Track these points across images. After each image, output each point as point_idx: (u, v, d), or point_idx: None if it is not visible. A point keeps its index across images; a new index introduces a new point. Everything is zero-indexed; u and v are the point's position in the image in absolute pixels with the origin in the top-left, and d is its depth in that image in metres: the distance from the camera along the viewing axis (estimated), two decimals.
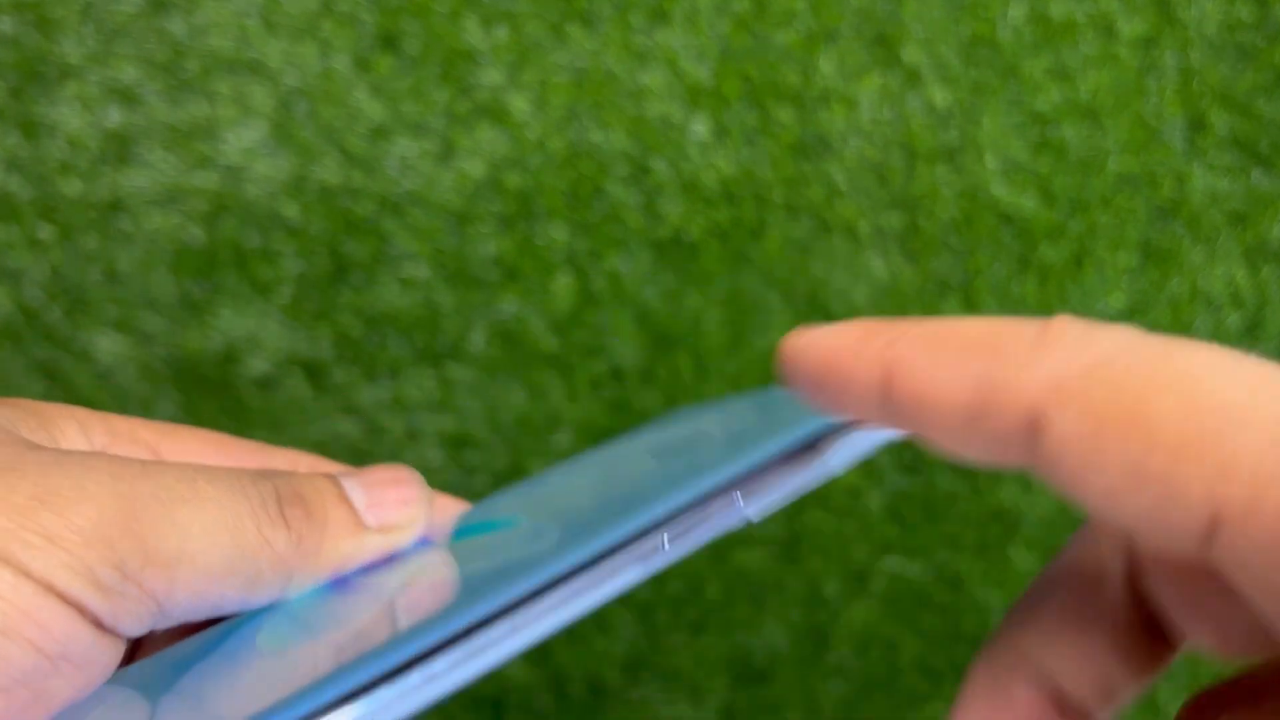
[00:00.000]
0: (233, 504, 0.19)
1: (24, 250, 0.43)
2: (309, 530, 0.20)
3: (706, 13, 0.44)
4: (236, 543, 0.19)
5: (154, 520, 0.18)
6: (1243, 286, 0.47)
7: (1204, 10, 0.45)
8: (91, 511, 0.17)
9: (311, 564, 0.20)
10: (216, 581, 0.18)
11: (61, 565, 0.17)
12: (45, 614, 0.16)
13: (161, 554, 0.18)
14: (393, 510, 0.21)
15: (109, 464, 0.18)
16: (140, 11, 0.42)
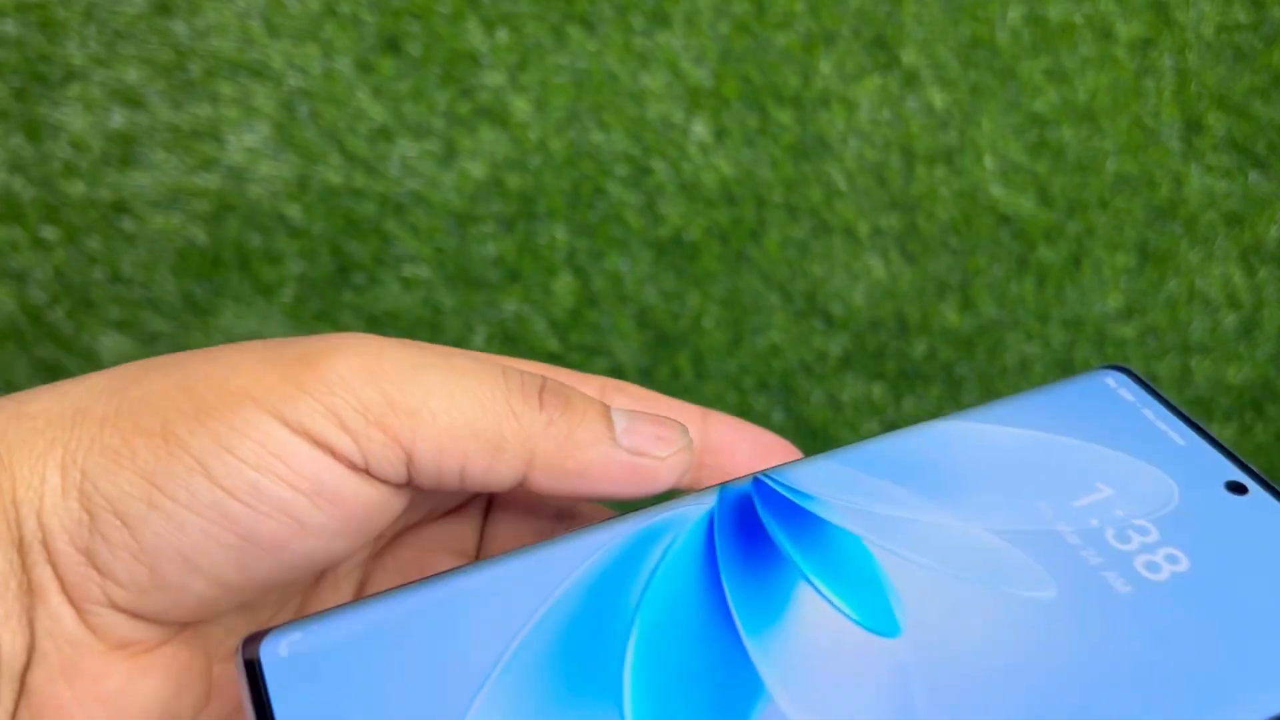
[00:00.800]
0: (485, 377, 0.20)
1: (28, 251, 0.43)
2: (560, 417, 0.21)
3: (706, 15, 0.44)
4: (482, 408, 0.20)
5: (399, 377, 0.20)
6: (1239, 287, 0.47)
7: (1201, 12, 0.46)
8: (342, 366, 0.19)
9: (556, 452, 0.21)
10: (459, 439, 0.20)
11: (311, 411, 0.19)
12: (292, 452, 0.19)
13: (402, 403, 0.19)
14: (647, 441, 0.22)
15: (371, 339, 0.20)
16: (143, 14, 0.42)
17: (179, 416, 0.19)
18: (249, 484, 0.19)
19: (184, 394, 0.20)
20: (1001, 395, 0.48)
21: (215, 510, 0.19)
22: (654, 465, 0.22)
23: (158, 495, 0.19)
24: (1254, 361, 0.48)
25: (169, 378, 0.20)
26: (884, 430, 0.47)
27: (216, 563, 0.19)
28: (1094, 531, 0.22)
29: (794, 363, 0.47)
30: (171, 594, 0.20)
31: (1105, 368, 0.26)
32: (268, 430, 0.19)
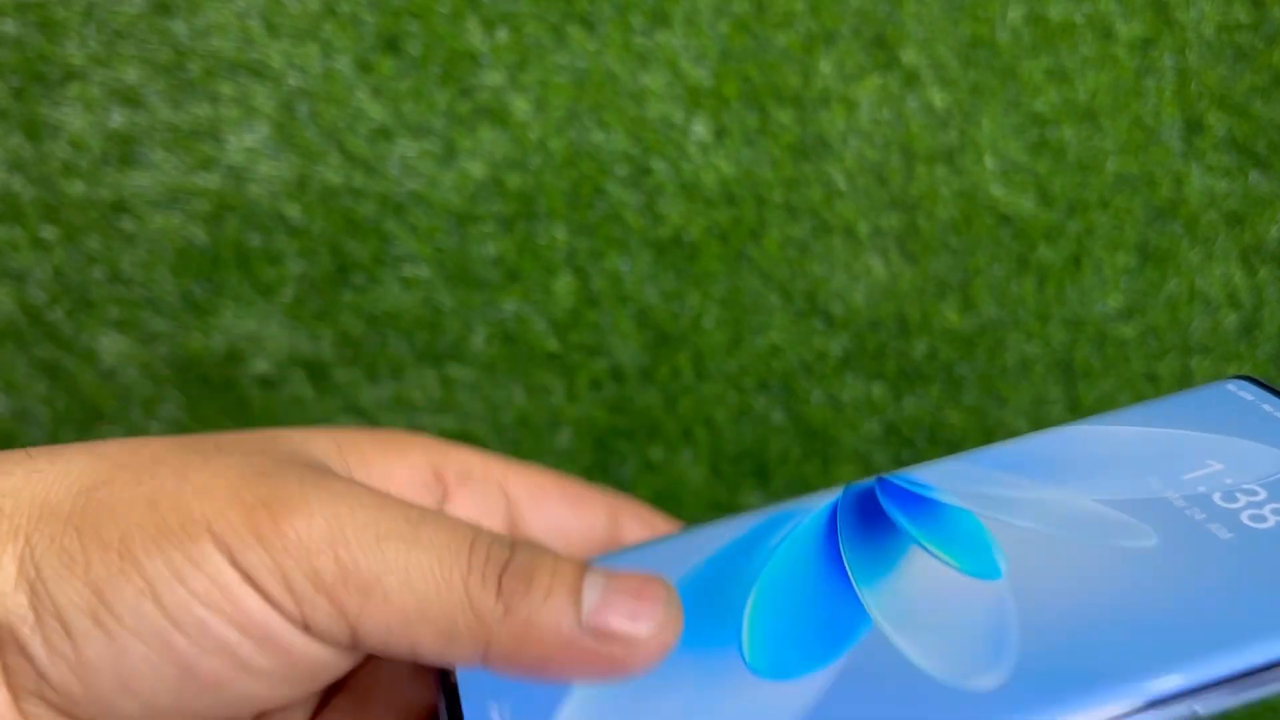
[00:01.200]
0: (447, 555, 0.19)
1: (27, 250, 0.43)
2: (521, 602, 0.19)
3: (706, 14, 0.44)
4: (436, 592, 0.19)
5: (359, 547, 0.19)
6: (1240, 287, 0.47)
7: (1202, 12, 0.45)
8: (303, 524, 0.19)
9: (511, 644, 0.19)
10: (408, 623, 0.19)
11: (262, 563, 0.19)
12: (240, 597, 0.19)
13: (356, 579, 0.19)
14: (619, 620, 0.20)
15: (346, 491, 0.20)
16: (143, 13, 0.42)
17: (138, 533, 0.19)
18: (196, 619, 0.19)
19: (148, 509, 0.19)
20: (1002, 395, 0.48)
21: (159, 639, 0.19)
22: (624, 654, 0.20)
23: (103, 613, 0.19)
24: (1254, 361, 0.48)
25: (138, 487, 0.20)
26: (884, 430, 0.47)
27: (153, 690, 0.19)
28: (1201, 496, 0.22)
29: (794, 362, 0.47)
30: (102, 710, 0.19)
31: (1232, 378, 0.27)
32: (220, 569, 0.19)
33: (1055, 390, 0.47)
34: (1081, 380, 0.48)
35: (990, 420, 0.47)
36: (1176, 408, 0.26)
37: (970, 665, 0.20)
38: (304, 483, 0.20)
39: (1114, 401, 0.48)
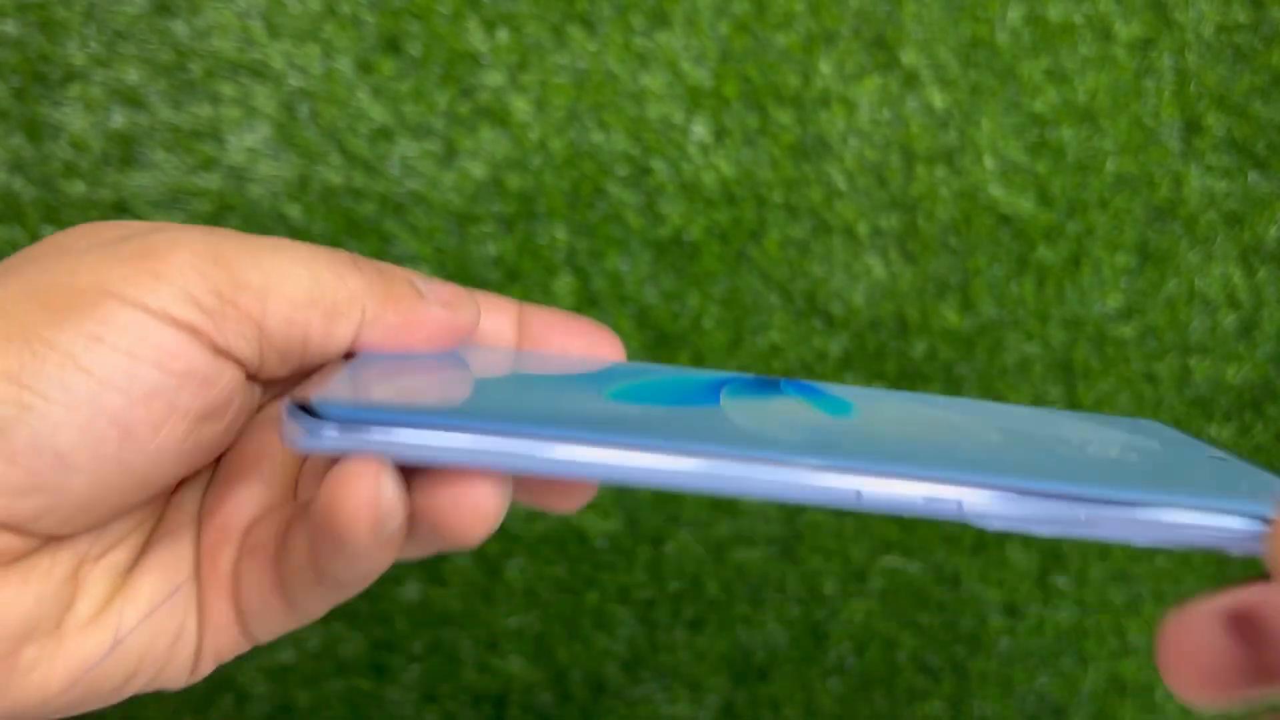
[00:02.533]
0: (311, 253, 0.22)
1: None
2: (378, 279, 0.23)
3: (706, 15, 0.44)
4: (314, 276, 0.22)
5: (240, 259, 0.21)
6: (1239, 287, 0.47)
7: (1201, 12, 0.46)
8: (186, 254, 0.20)
9: (381, 308, 0.23)
10: (301, 309, 0.21)
11: (170, 296, 0.20)
12: (161, 337, 0.20)
13: (249, 282, 0.21)
14: (443, 292, 0.24)
15: (200, 228, 0.22)
16: (144, 14, 0.42)
17: (37, 319, 0.19)
18: (124, 371, 0.19)
19: (34, 300, 0.20)
20: (1001, 395, 0.48)
21: (91, 403, 0.19)
22: (460, 314, 0.24)
23: (29, 395, 0.19)
24: (1254, 361, 0.48)
25: (9, 288, 0.20)
26: None
27: (96, 458, 0.19)
28: (1060, 437, 0.25)
29: (794, 362, 0.47)
30: (48, 497, 0.20)
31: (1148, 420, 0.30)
32: (133, 318, 0.19)
33: (1054, 390, 0.48)
34: (1081, 380, 0.48)
35: None
36: (1090, 417, 0.29)
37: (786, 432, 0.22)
38: (162, 231, 0.21)
39: (1113, 401, 0.48)
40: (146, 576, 0.22)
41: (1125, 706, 0.50)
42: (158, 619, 0.22)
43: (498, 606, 0.47)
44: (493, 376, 0.24)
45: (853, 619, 0.49)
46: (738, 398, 0.24)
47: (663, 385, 0.25)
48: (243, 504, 0.23)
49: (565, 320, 0.27)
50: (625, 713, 0.49)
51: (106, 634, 0.21)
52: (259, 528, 0.23)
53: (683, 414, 0.22)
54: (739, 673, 0.49)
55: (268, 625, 0.23)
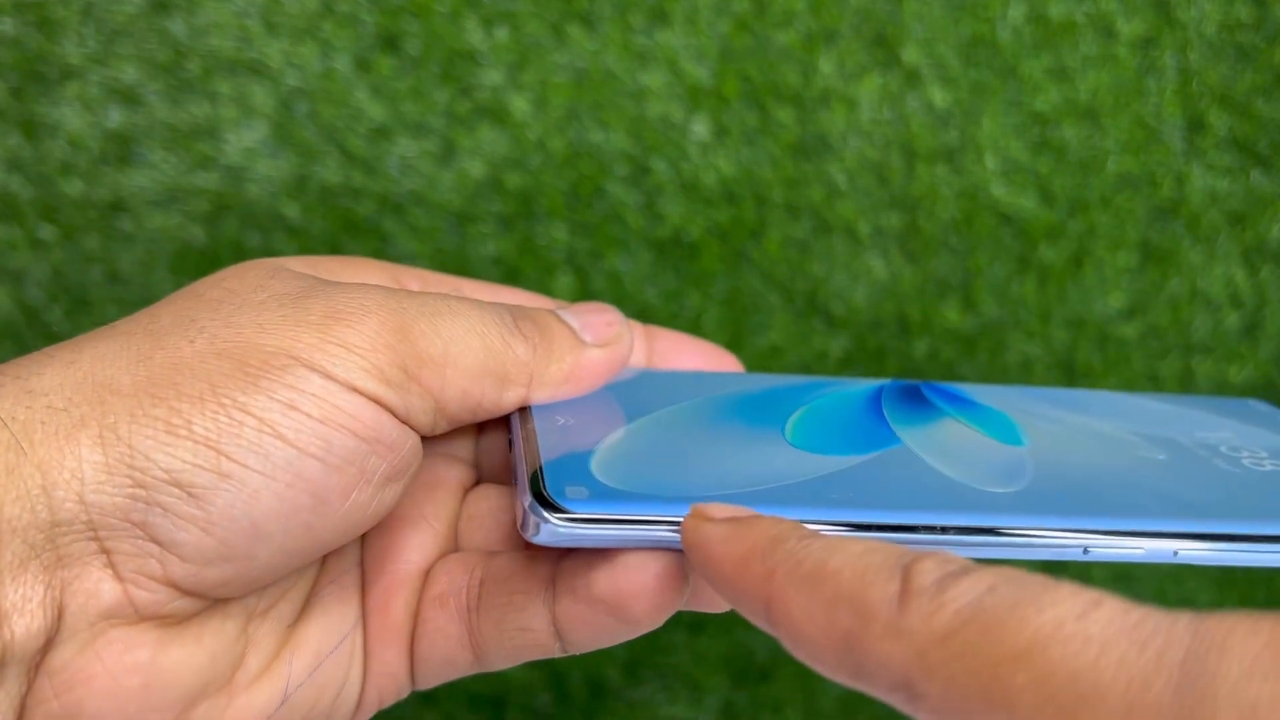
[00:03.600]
0: (481, 318, 0.22)
1: (25, 250, 0.43)
2: (541, 340, 0.23)
3: (706, 13, 0.44)
4: (487, 346, 0.22)
5: (423, 330, 0.21)
6: (1242, 287, 0.47)
7: (1203, 11, 0.45)
8: (374, 323, 0.20)
9: (546, 368, 0.23)
10: (475, 379, 0.22)
11: (359, 369, 0.20)
12: (353, 406, 0.20)
13: (431, 356, 0.21)
14: (602, 330, 0.25)
15: (382, 290, 0.22)
16: (141, 12, 0.42)
17: (226, 381, 0.19)
18: (321, 439, 0.19)
19: (222, 359, 0.19)
20: None
21: (288, 471, 0.19)
22: (619, 350, 0.25)
23: (226, 463, 0.18)
24: (1256, 361, 0.48)
25: (195, 343, 0.20)
26: None
27: (285, 527, 0.19)
28: (1209, 444, 0.26)
29: (794, 362, 0.46)
30: (237, 565, 0.19)
31: (1254, 399, 0.32)
32: (324, 387, 0.19)
33: None
34: (1083, 380, 0.47)
35: None
36: (1199, 402, 0.30)
37: (987, 479, 0.23)
38: (341, 292, 0.21)
39: None
40: (313, 628, 0.22)
41: None
42: (325, 669, 0.22)
43: None
44: (662, 414, 0.25)
45: None
46: (909, 427, 0.25)
47: (829, 415, 0.25)
48: (411, 552, 0.23)
49: (690, 341, 0.28)
50: (625, 714, 0.49)
51: (277, 687, 0.21)
52: (441, 576, 0.23)
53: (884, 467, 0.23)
54: (739, 674, 0.49)
55: (444, 674, 0.23)
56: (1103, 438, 0.26)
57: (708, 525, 0.19)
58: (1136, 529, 0.22)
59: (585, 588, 0.21)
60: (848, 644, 0.15)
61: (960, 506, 0.21)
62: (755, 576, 0.17)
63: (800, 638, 0.16)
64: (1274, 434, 0.27)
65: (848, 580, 0.16)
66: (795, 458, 0.23)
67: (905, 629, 0.15)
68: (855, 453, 0.24)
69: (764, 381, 0.28)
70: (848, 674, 0.16)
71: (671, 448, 0.23)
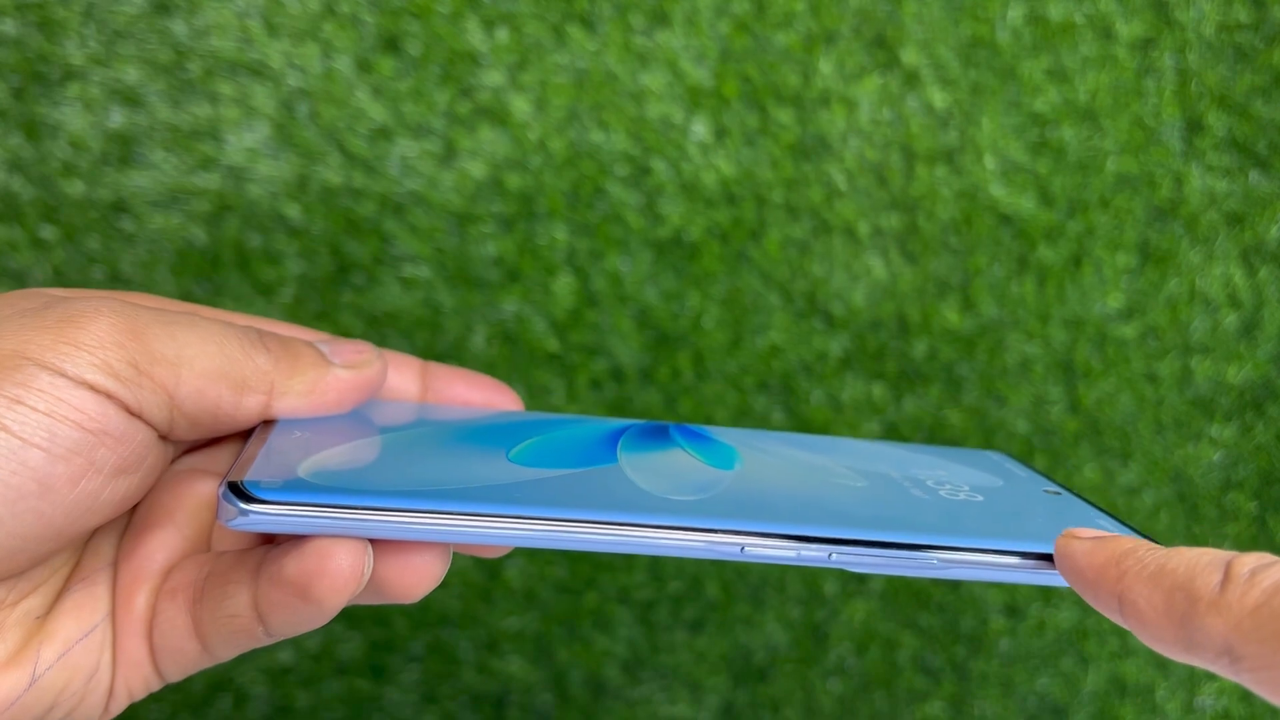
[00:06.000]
0: (221, 329, 0.24)
1: (27, 251, 0.43)
2: (284, 355, 0.25)
3: (706, 14, 0.44)
4: (225, 354, 0.24)
5: (156, 333, 0.23)
6: (1240, 287, 0.47)
7: (1202, 12, 0.45)
8: (106, 325, 0.22)
9: (289, 380, 0.25)
10: (212, 381, 0.24)
11: (88, 364, 0.21)
12: (80, 400, 0.21)
13: (164, 355, 0.23)
14: (349, 354, 0.27)
15: (122, 301, 0.23)
16: (142, 13, 0.42)
17: None
18: (45, 430, 0.21)
19: None
20: (1002, 395, 0.48)
21: (14, 459, 0.21)
22: (366, 374, 0.27)
23: None
24: (1255, 361, 0.48)
25: None
26: (884, 430, 0.47)
27: (16, 511, 0.21)
28: (915, 478, 0.28)
29: (794, 362, 0.47)
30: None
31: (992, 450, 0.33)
32: (52, 382, 0.21)
33: (1055, 390, 0.47)
34: (1082, 380, 0.48)
35: (990, 420, 0.47)
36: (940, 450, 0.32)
37: (675, 492, 0.24)
38: (82, 301, 0.23)
39: (1115, 401, 0.48)
40: (63, 619, 0.24)
41: (1126, 707, 0.50)
42: (74, 657, 0.24)
43: (497, 607, 0.47)
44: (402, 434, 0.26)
45: (853, 619, 0.49)
46: (633, 453, 0.27)
47: (562, 441, 0.27)
48: (157, 550, 0.25)
49: (467, 375, 0.30)
50: (625, 713, 0.49)
51: (24, 673, 0.23)
52: (177, 573, 0.25)
53: (585, 478, 0.25)
54: (739, 673, 0.49)
55: (180, 665, 0.25)
56: (814, 468, 0.28)
57: (1075, 541, 0.22)
58: (790, 533, 0.23)
59: (278, 572, 0.23)
60: (1181, 622, 0.19)
61: (631, 508, 0.23)
62: (1111, 578, 0.21)
63: (1145, 622, 0.20)
64: (988, 474, 0.29)
65: (1182, 574, 0.19)
66: (505, 469, 0.25)
67: (1225, 605, 0.18)
68: (565, 467, 0.25)
69: (520, 416, 0.29)
70: (1182, 648, 0.19)
71: (388, 457, 0.25)
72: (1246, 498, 0.49)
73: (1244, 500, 0.49)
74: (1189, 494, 0.49)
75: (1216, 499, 0.49)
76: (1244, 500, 0.49)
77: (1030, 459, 0.48)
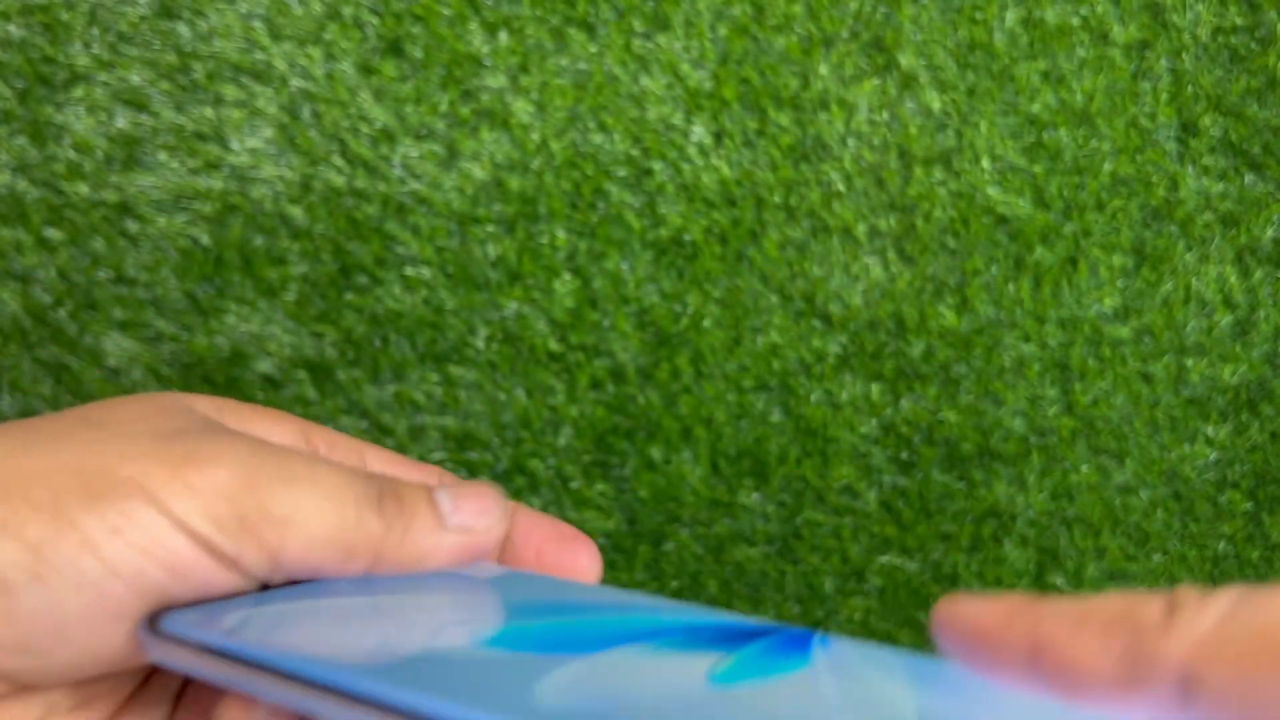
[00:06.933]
0: (340, 490, 0.23)
1: (32, 252, 0.44)
2: (398, 522, 0.24)
3: (706, 18, 0.44)
4: (338, 519, 0.23)
5: (273, 490, 0.22)
6: (1235, 289, 0.48)
7: (1197, 14, 0.46)
8: (225, 473, 0.22)
9: (399, 549, 0.24)
10: (317, 548, 0.22)
11: (195, 511, 0.21)
12: (177, 544, 0.21)
13: (275, 515, 0.22)
14: (469, 517, 0.25)
15: (251, 443, 0.23)
16: (147, 16, 0.43)
17: (70, 496, 0.21)
18: (134, 568, 0.21)
19: (75, 476, 0.21)
20: (998, 395, 0.49)
21: (96, 589, 0.21)
22: (479, 540, 0.25)
23: (43, 568, 0.20)
24: (1249, 362, 0.48)
25: (60, 454, 0.22)
26: (882, 429, 0.48)
27: (87, 636, 0.21)
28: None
29: (793, 362, 0.47)
30: (39, 659, 0.21)
31: None
32: (154, 521, 0.21)
33: (1051, 390, 0.48)
34: (1078, 380, 0.48)
35: (987, 420, 0.48)
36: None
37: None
38: (212, 438, 0.23)
39: (1110, 401, 0.48)
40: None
41: None
42: None
43: None
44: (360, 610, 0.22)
45: (852, 617, 0.49)
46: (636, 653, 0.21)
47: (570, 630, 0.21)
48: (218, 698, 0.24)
49: (549, 525, 0.27)
50: None
51: None
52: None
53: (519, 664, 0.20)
54: None
55: None
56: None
57: (961, 601, 0.19)
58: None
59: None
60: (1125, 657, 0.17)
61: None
62: (1021, 628, 0.18)
63: (1074, 668, 0.17)
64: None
65: (1116, 610, 0.17)
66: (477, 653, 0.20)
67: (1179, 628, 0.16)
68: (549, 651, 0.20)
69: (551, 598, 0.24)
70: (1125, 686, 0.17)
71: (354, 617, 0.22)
72: (1242, 497, 0.49)
73: (1239, 499, 0.49)
74: (1184, 493, 0.49)
75: (1212, 498, 0.49)
76: (1239, 499, 0.49)
77: (1027, 459, 0.48)
